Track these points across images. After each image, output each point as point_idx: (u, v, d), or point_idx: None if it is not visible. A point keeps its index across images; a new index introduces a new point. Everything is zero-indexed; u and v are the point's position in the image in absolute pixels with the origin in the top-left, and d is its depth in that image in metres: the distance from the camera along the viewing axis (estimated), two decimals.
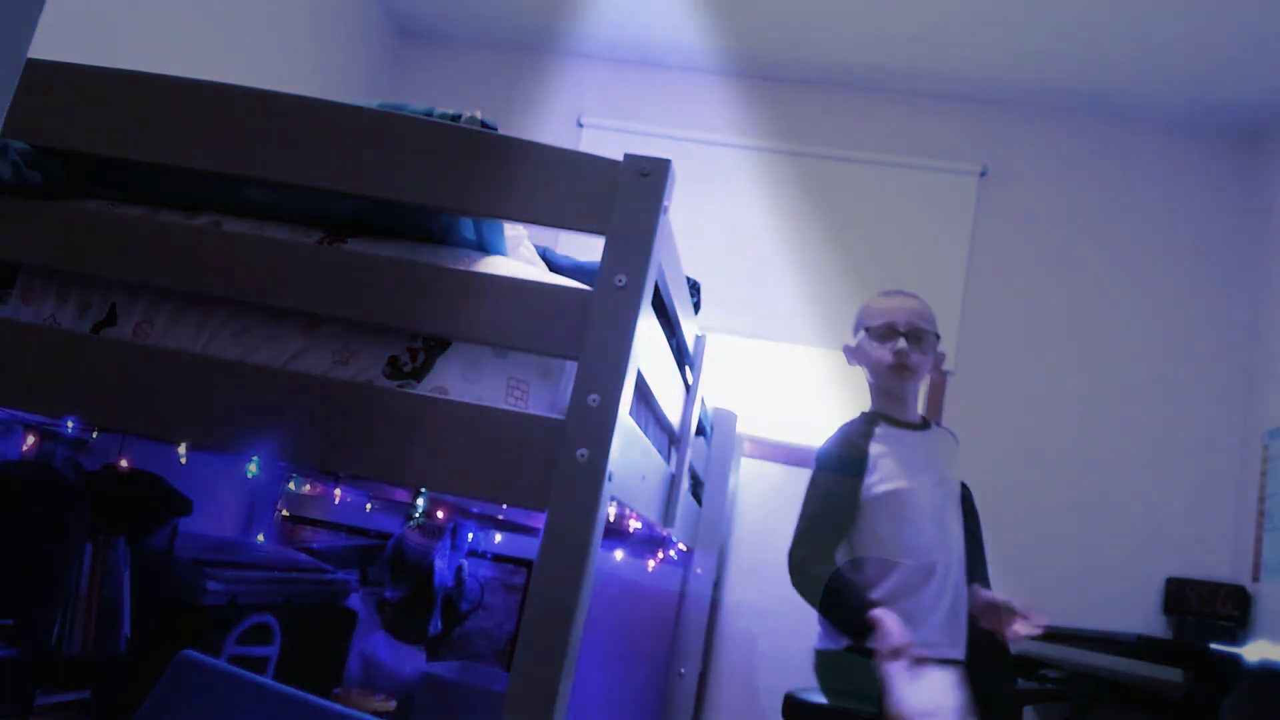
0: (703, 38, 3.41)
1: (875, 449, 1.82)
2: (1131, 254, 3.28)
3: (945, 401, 3.26)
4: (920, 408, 2.02)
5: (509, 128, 1.27)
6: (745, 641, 3.03)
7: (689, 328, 1.82)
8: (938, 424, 2.02)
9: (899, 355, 1.83)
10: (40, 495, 1.80)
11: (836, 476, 1.80)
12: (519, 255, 1.43)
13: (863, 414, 1.93)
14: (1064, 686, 2.61)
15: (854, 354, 1.95)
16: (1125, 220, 3.31)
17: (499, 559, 2.97)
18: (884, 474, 1.79)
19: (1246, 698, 2.57)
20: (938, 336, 1.90)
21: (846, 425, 1.90)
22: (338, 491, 2.57)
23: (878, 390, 1.92)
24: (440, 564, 2.73)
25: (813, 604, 1.72)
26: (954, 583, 1.80)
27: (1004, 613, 1.76)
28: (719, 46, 3.45)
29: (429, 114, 1.26)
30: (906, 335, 1.84)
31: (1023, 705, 2.71)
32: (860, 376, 1.98)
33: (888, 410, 1.90)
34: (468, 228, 1.32)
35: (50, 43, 1.11)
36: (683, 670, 2.46)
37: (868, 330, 1.88)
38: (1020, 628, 1.70)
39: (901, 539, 1.76)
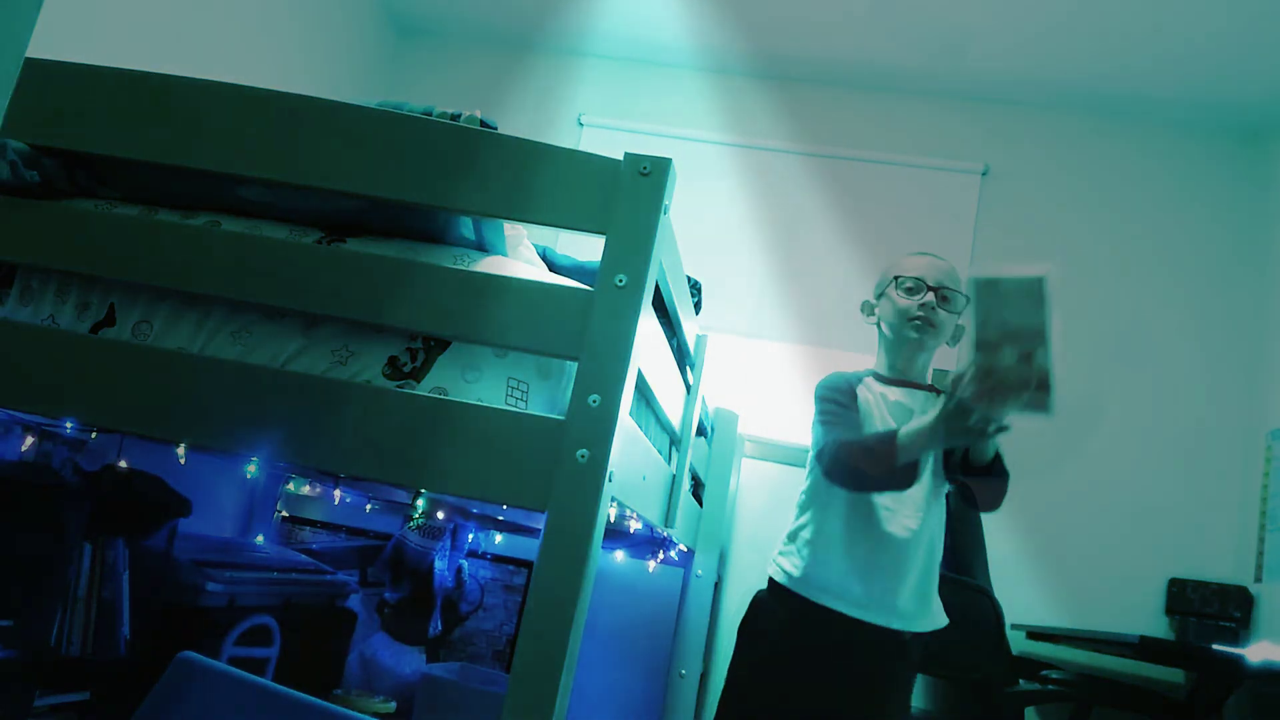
0: (703, 36, 3.41)
1: (863, 395, 1.81)
2: (1133, 254, 3.27)
3: None
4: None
5: (509, 127, 1.26)
6: None
7: (690, 328, 1.82)
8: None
9: (925, 309, 1.81)
10: (39, 496, 1.80)
11: (841, 398, 1.79)
12: (519, 255, 1.43)
13: (865, 371, 1.89)
14: (1066, 687, 2.60)
15: (875, 307, 1.90)
16: (1127, 220, 3.30)
17: (499, 560, 2.97)
18: (865, 419, 1.78)
19: (1249, 699, 2.56)
20: (967, 299, 1.86)
21: (842, 373, 1.86)
22: (337, 492, 2.57)
23: (889, 347, 1.88)
24: (440, 565, 2.73)
25: (852, 484, 1.71)
26: (923, 548, 1.75)
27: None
28: (720, 45, 3.44)
29: (428, 113, 1.26)
30: (936, 291, 1.83)
31: (1024, 706, 2.71)
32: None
33: (890, 370, 1.87)
34: (467, 227, 1.31)
35: (48, 42, 1.10)
36: (684, 671, 2.45)
37: (896, 280, 1.85)
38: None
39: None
